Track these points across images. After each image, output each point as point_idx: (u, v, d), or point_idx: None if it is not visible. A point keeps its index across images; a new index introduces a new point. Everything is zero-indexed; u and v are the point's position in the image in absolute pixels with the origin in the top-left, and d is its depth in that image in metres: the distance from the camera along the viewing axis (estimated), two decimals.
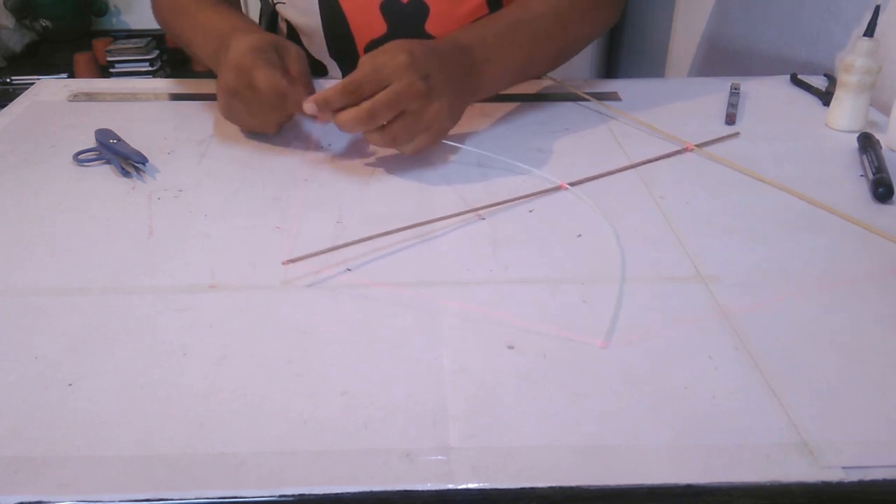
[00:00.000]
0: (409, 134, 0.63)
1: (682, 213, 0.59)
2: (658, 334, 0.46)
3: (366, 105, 0.60)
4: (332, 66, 0.90)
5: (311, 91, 0.66)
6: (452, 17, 0.82)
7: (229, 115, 0.69)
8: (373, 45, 0.85)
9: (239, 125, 0.71)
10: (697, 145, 0.70)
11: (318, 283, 0.50)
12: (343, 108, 0.61)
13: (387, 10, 0.82)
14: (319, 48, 0.88)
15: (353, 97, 0.61)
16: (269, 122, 0.68)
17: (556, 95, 0.82)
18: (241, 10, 0.85)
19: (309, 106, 0.62)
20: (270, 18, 0.96)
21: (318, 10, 0.84)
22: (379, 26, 0.83)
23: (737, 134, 0.73)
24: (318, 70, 0.92)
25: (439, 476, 0.36)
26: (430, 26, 0.83)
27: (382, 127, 0.62)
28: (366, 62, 0.61)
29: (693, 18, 1.45)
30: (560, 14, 0.75)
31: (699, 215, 0.59)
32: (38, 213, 0.59)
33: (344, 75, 0.89)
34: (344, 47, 0.86)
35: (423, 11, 0.82)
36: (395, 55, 0.61)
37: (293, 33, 0.91)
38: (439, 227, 0.57)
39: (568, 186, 0.62)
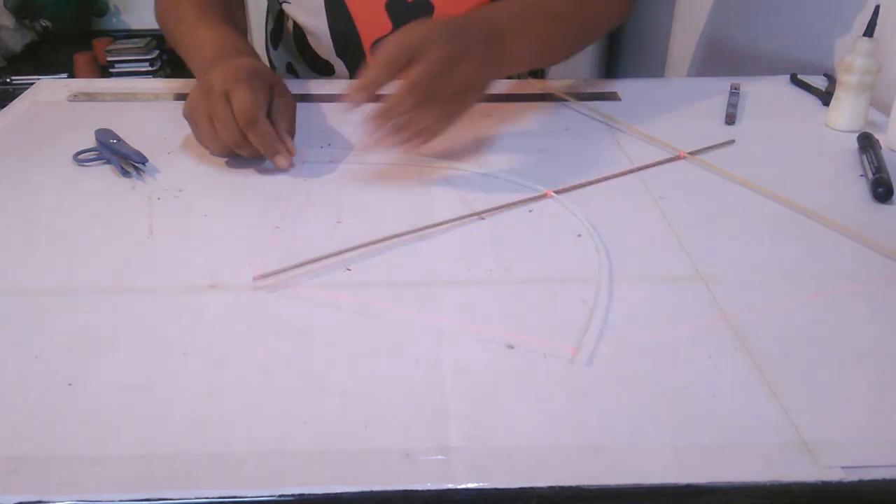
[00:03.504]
0: (444, 103, 0.61)
1: (682, 214, 0.59)
2: (658, 334, 0.46)
3: (404, 85, 0.58)
4: (339, 65, 0.90)
5: (288, 144, 0.64)
6: None
7: (191, 105, 0.64)
8: (378, 43, 0.85)
9: (192, 125, 0.66)
10: (690, 153, 0.69)
11: (318, 283, 0.50)
12: (383, 84, 0.59)
13: (392, 9, 0.83)
14: (326, 47, 0.88)
15: (393, 69, 0.59)
16: (218, 140, 0.63)
17: (557, 96, 0.82)
18: (242, 32, 0.84)
19: (356, 96, 0.59)
20: (277, 18, 0.96)
21: (323, 10, 0.84)
22: (384, 25, 0.84)
23: (732, 141, 0.72)
24: (325, 69, 0.92)
25: (439, 476, 0.36)
26: None
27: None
28: (390, 41, 0.59)
29: (693, 18, 1.45)
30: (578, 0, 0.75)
31: (699, 216, 0.59)
32: (38, 213, 0.59)
33: (350, 74, 0.89)
34: (350, 46, 0.86)
35: (428, 10, 0.82)
36: (415, 28, 0.60)
37: (299, 33, 0.91)
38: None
39: (553, 194, 0.61)
